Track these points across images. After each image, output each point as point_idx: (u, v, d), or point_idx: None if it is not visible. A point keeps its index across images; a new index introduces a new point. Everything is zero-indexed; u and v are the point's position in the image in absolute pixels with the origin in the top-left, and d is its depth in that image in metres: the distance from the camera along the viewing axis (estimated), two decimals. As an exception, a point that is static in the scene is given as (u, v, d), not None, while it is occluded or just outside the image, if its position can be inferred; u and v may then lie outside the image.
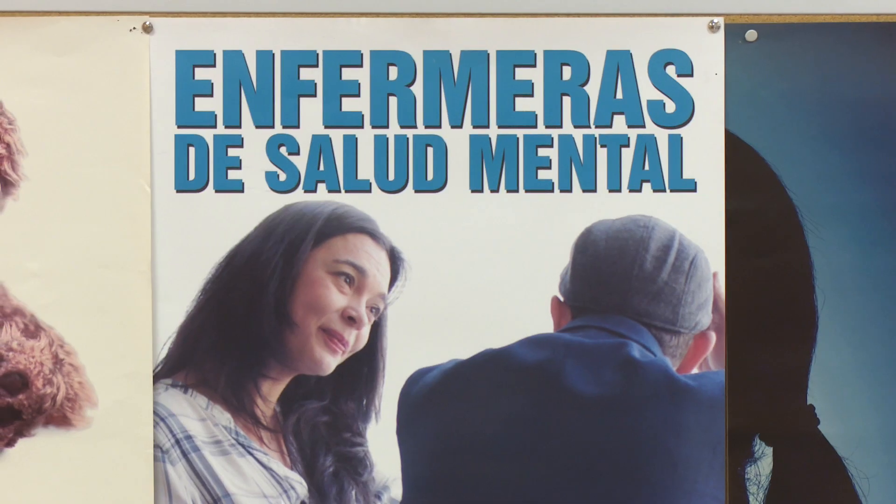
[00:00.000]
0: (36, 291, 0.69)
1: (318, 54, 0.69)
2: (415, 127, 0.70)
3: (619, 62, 0.70)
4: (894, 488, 0.70)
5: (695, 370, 0.70)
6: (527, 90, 0.69)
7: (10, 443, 0.69)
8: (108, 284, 0.69)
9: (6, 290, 0.69)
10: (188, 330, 0.70)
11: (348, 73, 0.69)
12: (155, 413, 0.69)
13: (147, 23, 0.69)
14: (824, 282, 0.70)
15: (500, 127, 0.70)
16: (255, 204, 0.70)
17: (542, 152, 0.70)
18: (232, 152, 0.70)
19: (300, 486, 0.70)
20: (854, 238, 0.69)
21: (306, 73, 0.69)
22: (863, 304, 0.69)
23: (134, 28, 0.69)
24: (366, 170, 0.70)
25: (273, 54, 0.69)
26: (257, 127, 0.70)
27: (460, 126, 0.70)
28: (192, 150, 0.70)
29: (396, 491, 0.70)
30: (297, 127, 0.70)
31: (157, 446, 0.69)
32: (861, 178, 0.69)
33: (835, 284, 0.70)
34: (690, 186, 0.70)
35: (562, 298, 0.70)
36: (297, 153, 0.70)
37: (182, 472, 0.69)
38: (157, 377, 0.69)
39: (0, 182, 0.69)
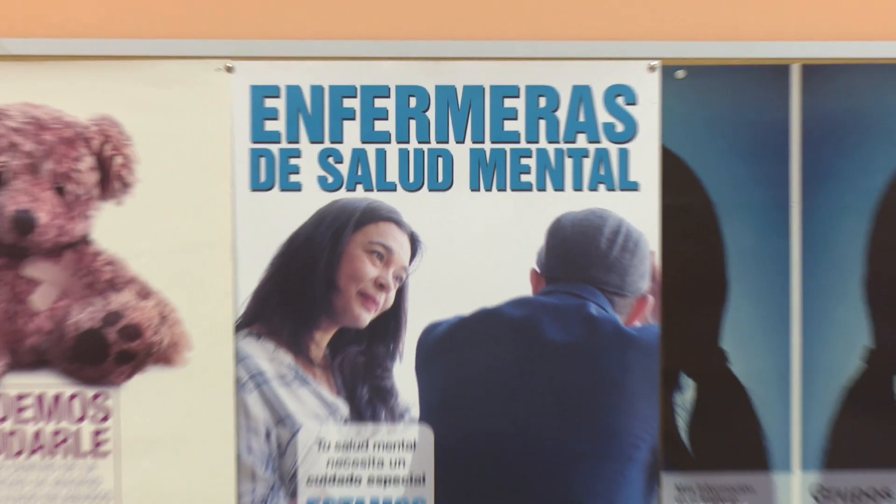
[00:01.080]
0: (146, 265, 0.92)
1: (356, 88, 0.92)
2: (429, 142, 0.93)
3: (581, 94, 0.93)
4: (782, 410, 0.93)
5: (637, 323, 0.94)
6: (512, 115, 0.92)
7: (129, 376, 0.93)
8: (201, 260, 0.92)
9: (125, 264, 0.92)
10: (260, 294, 0.93)
11: (379, 103, 0.92)
12: (236, 355, 0.93)
13: (229, 65, 0.92)
14: (733, 258, 0.93)
15: (492, 142, 0.93)
16: (310, 200, 0.93)
17: (523, 161, 0.93)
18: (292, 161, 0.93)
19: (343, 408, 0.93)
20: (755, 227, 0.93)
21: (348, 102, 0.92)
22: (761, 275, 0.93)
23: (219, 69, 0.92)
24: (392, 174, 0.93)
25: (323, 88, 0.92)
26: (311, 142, 0.92)
27: (462, 142, 0.93)
28: (262, 160, 0.93)
29: (415, 412, 0.93)
30: (341, 142, 0.92)
31: (237, 380, 0.93)
32: (759, 182, 0.92)
33: (741, 260, 0.93)
34: (634, 187, 0.93)
35: (538, 270, 0.93)
36: (341, 162, 0.93)
37: (256, 399, 0.93)
38: (238, 328, 0.93)
39: (121, 183, 0.92)
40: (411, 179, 0.93)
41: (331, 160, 0.92)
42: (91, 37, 0.92)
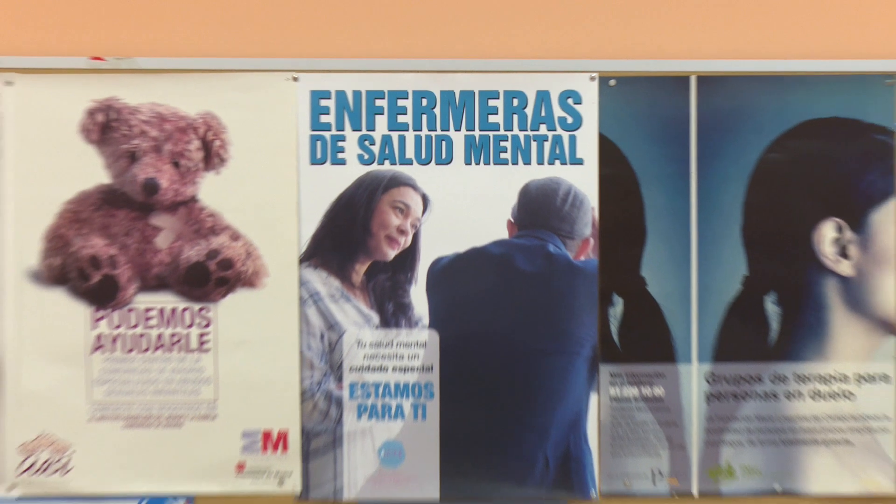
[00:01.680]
0: (236, 217, 1.31)
1: (384, 92, 1.31)
2: (435, 130, 1.31)
3: (542, 97, 1.31)
4: (685, 319, 1.32)
5: (582, 258, 1.32)
6: (494, 111, 1.31)
7: (224, 296, 1.31)
8: (275, 213, 1.31)
9: (222, 216, 1.31)
10: (317, 237, 1.31)
11: (400, 102, 1.31)
12: (299, 280, 1.31)
13: (295, 76, 1.30)
14: (650, 213, 1.31)
15: (480, 130, 1.31)
16: (351, 171, 1.31)
17: (502, 144, 1.31)
18: (339, 144, 1.31)
19: (375, 318, 1.32)
20: (665, 191, 1.31)
21: (378, 102, 1.31)
22: (669, 225, 1.31)
23: (288, 79, 1.30)
24: (409, 153, 1.31)
25: (361, 92, 1.31)
26: (352, 130, 1.31)
27: (459, 130, 1.31)
28: (318, 143, 1.31)
29: (426, 321, 1.32)
30: (374, 130, 1.31)
31: (300, 298, 1.31)
32: (668, 159, 1.31)
33: (655, 214, 1.31)
34: (580, 162, 1.32)
35: (512, 220, 1.32)
36: (374, 144, 1.31)
37: (313, 311, 1.31)
38: (301, 262, 1.31)
39: (219, 159, 1.30)
40: (423, 157, 1.31)
41: (366, 143, 1.31)
42: (198, 56, 1.31)
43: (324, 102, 1.31)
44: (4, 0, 1.33)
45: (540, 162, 1.31)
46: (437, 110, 1.31)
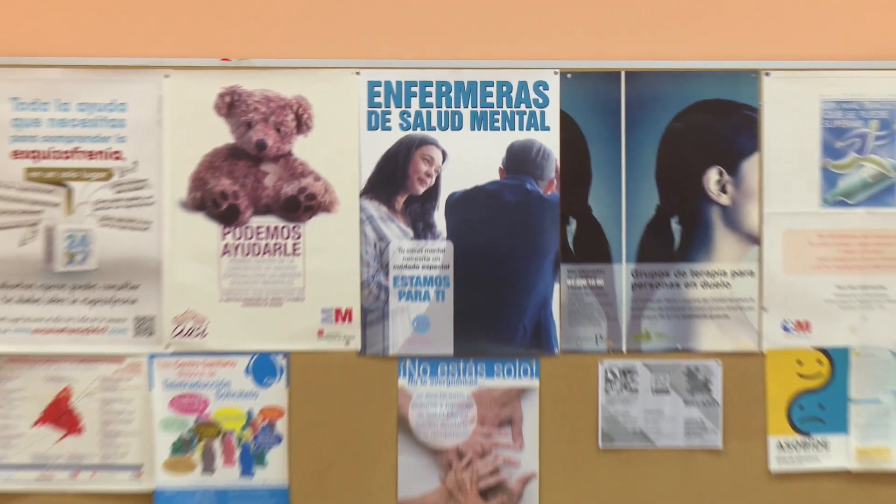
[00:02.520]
0: (318, 165, 1.95)
1: (417, 82, 1.96)
2: (451, 107, 1.96)
3: (522, 85, 1.96)
4: (617, 234, 1.97)
5: (548, 193, 1.97)
6: (490, 95, 1.96)
7: (310, 218, 1.96)
8: (343, 162, 1.95)
9: (308, 164, 1.96)
10: (372, 179, 1.96)
11: (427, 89, 1.96)
12: (360, 207, 1.96)
13: (357, 71, 1.95)
14: (594, 164, 1.96)
15: (481, 108, 1.96)
16: (395, 135, 1.95)
17: (496, 117, 1.97)
18: (386, 117, 1.96)
19: (410, 233, 1.97)
20: (605, 149, 1.96)
21: (413, 89, 1.95)
22: (607, 171, 1.97)
23: (352, 73, 1.95)
24: (434, 122, 1.96)
25: (402, 82, 1.95)
26: (395, 108, 1.96)
27: (467, 107, 1.96)
28: (372, 116, 1.96)
29: (444, 235, 1.96)
30: (410, 107, 1.96)
31: (360, 219, 1.96)
32: (606, 127, 1.96)
33: (598, 165, 1.96)
34: (548, 129, 1.97)
35: (502, 168, 1.97)
36: (410, 116, 1.96)
37: (369, 228, 1.96)
38: (361, 195, 1.96)
39: (306, 126, 1.95)
40: (442, 125, 1.96)
41: (405, 116, 1.96)
42: (292, 57, 1.96)
43: (376, 89, 1.96)
44: (162, 18, 1.97)
45: (521, 129, 1.97)
46: (451, 94, 1.96)
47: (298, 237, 1.96)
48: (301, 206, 1.95)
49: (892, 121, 1.96)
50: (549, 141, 1.96)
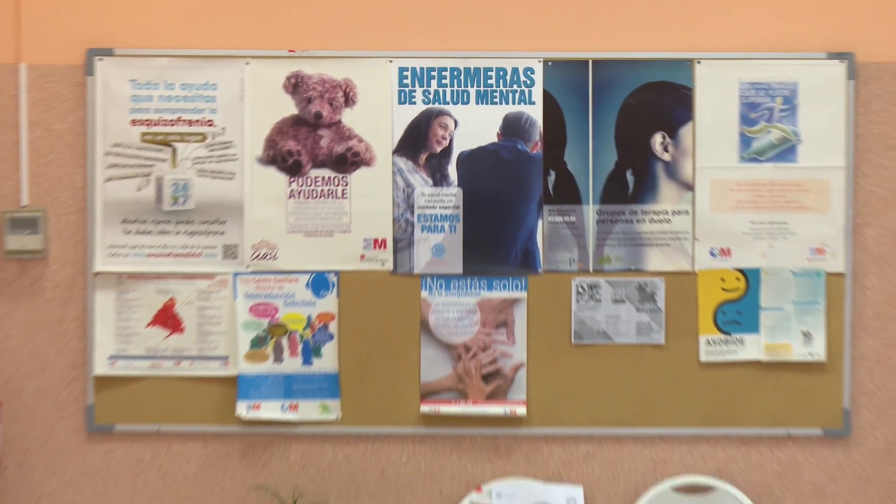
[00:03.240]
0: (361, 130, 2.58)
1: (435, 67, 2.60)
2: (460, 87, 2.60)
3: (515, 71, 2.60)
4: (586, 182, 2.61)
5: (534, 152, 2.62)
6: (491, 78, 2.59)
7: (354, 171, 2.60)
8: (379, 128, 2.58)
9: (354, 130, 2.60)
10: (401, 141, 2.59)
11: (443, 73, 2.60)
12: (392, 162, 2.61)
13: (390, 60, 2.59)
14: (569, 130, 2.61)
15: (484, 87, 2.60)
16: (418, 108, 2.59)
17: (494, 95, 2.60)
18: (412, 94, 2.60)
19: (430, 181, 2.60)
20: (577, 118, 2.60)
21: (432, 73, 2.59)
22: (578, 135, 2.61)
23: (387, 61, 2.60)
24: (448, 99, 2.60)
25: (424, 68, 2.59)
26: (419, 87, 2.60)
27: (473, 87, 2.60)
28: (402, 93, 2.59)
29: (456, 182, 2.61)
30: (430, 87, 2.59)
31: (392, 171, 2.61)
32: (578, 100, 2.60)
33: (572, 130, 2.60)
34: (534, 104, 2.60)
35: (499, 132, 2.61)
36: (430, 94, 2.60)
37: (399, 178, 2.61)
38: (393, 153, 2.61)
39: (352, 101, 2.59)
40: (454, 101, 2.61)
41: (426, 93, 2.61)
42: (342, 49, 2.60)
43: (405, 73, 2.60)
44: (244, 19, 2.62)
45: (513, 103, 2.61)
46: (461, 77, 2.61)
47: (346, 185, 2.61)
48: (348, 161, 2.60)
49: (792, 98, 2.61)
50: (535, 112, 2.61)
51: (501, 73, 2.61)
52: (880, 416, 2.62)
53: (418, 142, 2.61)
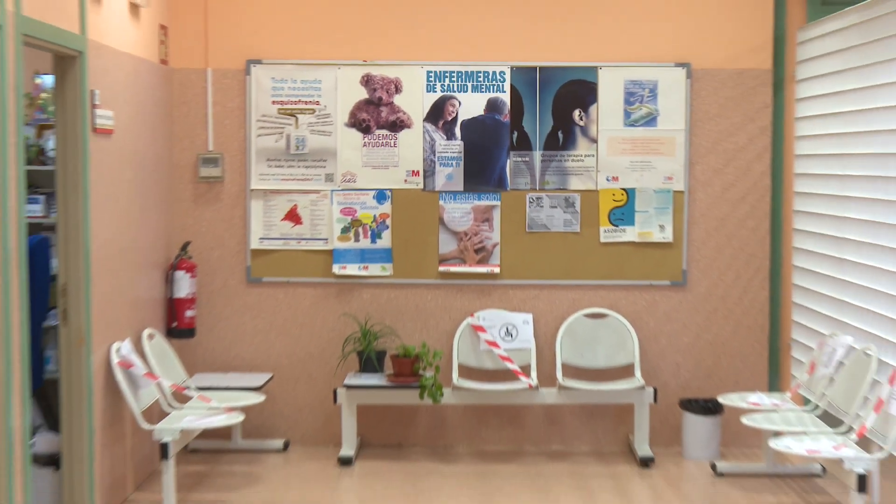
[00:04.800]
0: (406, 107, 4.50)
1: (446, 72, 4.50)
2: (462, 82, 4.51)
3: (494, 74, 4.49)
4: (535, 138, 4.52)
5: (504, 120, 4.52)
6: (480, 76, 4.50)
7: (400, 131, 4.50)
8: (414, 106, 4.51)
9: (402, 107, 4.50)
10: (428, 114, 4.50)
11: (452, 74, 4.50)
12: (423, 125, 4.52)
13: (422, 66, 4.49)
14: (526, 109, 4.51)
15: (475, 82, 4.50)
16: (437, 94, 4.49)
17: (483, 87, 4.50)
18: (434, 86, 4.50)
19: (444, 136, 4.52)
20: (530, 102, 4.50)
21: (446, 74, 4.50)
22: (530, 112, 4.51)
23: (420, 68, 4.49)
24: (454, 89, 4.50)
25: (440, 72, 4.50)
26: (437, 82, 4.50)
27: (469, 83, 4.50)
28: (428, 86, 4.50)
29: (460, 138, 4.52)
30: (443, 82, 4.50)
31: (423, 131, 4.52)
32: (530, 91, 4.50)
33: (527, 109, 4.52)
34: (504, 92, 4.50)
35: (485, 109, 4.52)
36: (445, 86, 4.50)
37: (426, 135, 4.52)
38: (424, 121, 4.52)
39: (399, 90, 4.49)
40: (458, 90, 4.52)
41: (442, 86, 4.52)
42: (393, 59, 4.51)
43: (430, 74, 4.52)
44: (335, 42, 4.52)
45: (493, 92, 4.53)
46: (462, 76, 4.52)
47: (396, 139, 4.53)
48: (397, 125, 4.52)
49: (654, 89, 4.52)
50: (505, 97, 4.53)
51: (486, 74, 4.52)
52: (702, 274, 4.57)
53: (437, 114, 4.53)
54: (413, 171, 4.55)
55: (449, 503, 3.98)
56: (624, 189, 4.57)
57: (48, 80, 3.91)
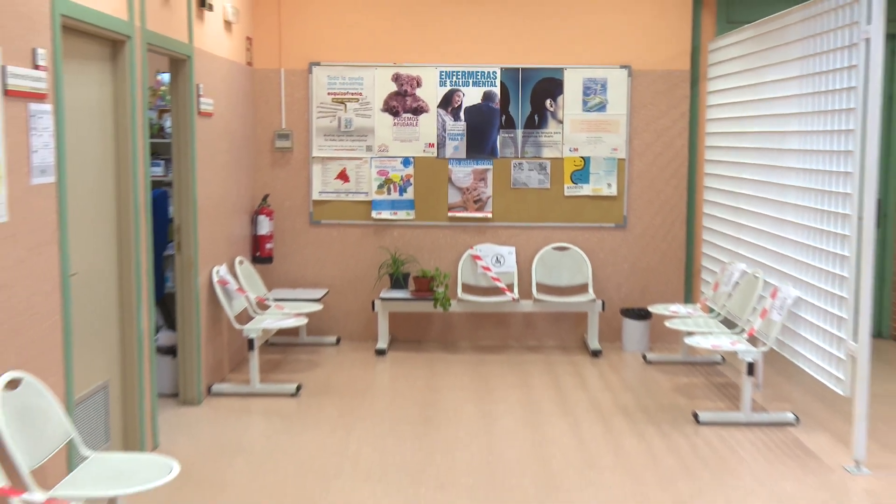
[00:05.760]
0: (425, 97, 6.22)
1: (453, 71, 6.21)
2: (464, 79, 6.22)
3: (487, 73, 6.20)
4: (518, 116, 6.25)
5: (495, 107, 6.24)
6: (477, 75, 6.22)
7: (420, 115, 6.23)
8: (431, 97, 6.22)
9: (421, 97, 6.22)
10: (440, 102, 6.22)
11: (457, 73, 6.21)
12: (436, 111, 6.24)
13: (437, 67, 6.20)
14: (511, 98, 6.23)
15: (475, 79, 6.22)
16: (447, 88, 6.20)
17: (480, 82, 6.21)
18: (444, 81, 6.21)
19: (451, 118, 6.25)
20: (514, 93, 6.23)
21: (453, 73, 6.21)
22: (514, 102, 6.23)
23: (434, 69, 6.20)
24: (460, 84, 6.22)
25: (450, 70, 6.20)
26: (448, 79, 6.21)
27: (470, 79, 6.21)
28: (441, 81, 6.22)
29: (464, 119, 6.24)
30: (452, 79, 6.21)
31: (436, 116, 6.24)
32: (514, 87, 6.22)
33: (513, 99, 6.23)
34: (496, 86, 6.21)
35: (482, 99, 6.24)
36: (453, 82, 6.20)
37: (439, 118, 6.25)
38: (437, 108, 6.24)
39: (420, 86, 6.20)
40: (462, 85, 6.24)
41: (450, 82, 6.24)
42: (415, 62, 6.23)
43: (442, 73, 6.24)
44: (371, 47, 6.23)
45: (487, 86, 6.25)
46: (466, 75, 6.24)
47: (417, 120, 6.27)
48: (419, 111, 6.25)
49: (605, 84, 6.23)
50: (497, 90, 6.25)
51: (483, 73, 6.24)
52: (637, 219, 6.35)
53: (447, 102, 6.26)
54: (429, 144, 6.29)
55: (454, 381, 5.65)
56: (582, 157, 6.31)
57: (166, 77, 5.56)
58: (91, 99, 3.74)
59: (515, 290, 6.17)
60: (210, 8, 5.01)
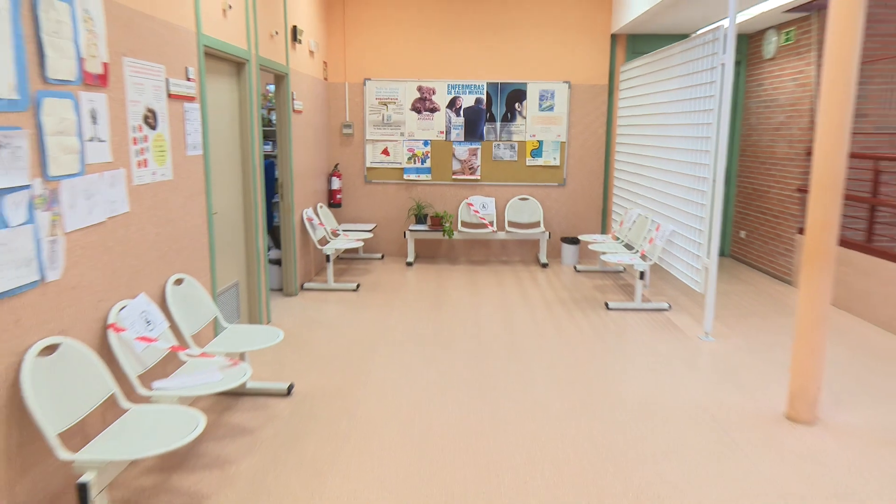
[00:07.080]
0: (438, 101, 9.67)
1: (456, 84, 9.62)
2: (464, 90, 9.64)
3: (477, 86, 9.62)
4: (498, 116, 9.71)
5: (483, 108, 9.70)
6: (471, 89, 9.64)
7: (434, 112, 9.71)
8: (442, 102, 9.67)
9: (436, 101, 9.66)
10: (447, 105, 9.69)
11: (458, 86, 9.62)
12: (445, 108, 9.70)
13: (445, 82, 9.62)
14: (493, 102, 9.68)
15: (470, 91, 9.63)
16: (452, 95, 9.63)
17: (473, 93, 9.63)
18: (451, 91, 9.63)
19: (455, 115, 9.72)
20: (496, 100, 9.67)
21: (457, 86, 9.62)
22: (495, 103, 9.67)
23: (444, 83, 9.63)
24: (460, 93, 9.65)
25: (454, 84, 9.61)
26: (452, 89, 9.63)
27: (465, 89, 9.65)
28: (448, 92, 9.65)
29: (463, 114, 9.71)
30: (456, 91, 9.63)
31: (445, 111, 9.71)
32: (501, 94, 9.65)
33: (494, 103, 9.67)
34: (483, 95, 9.66)
35: (474, 102, 9.67)
36: (455, 91, 9.62)
37: (447, 115, 9.71)
38: (445, 108, 9.71)
39: (434, 94, 9.64)
40: (461, 94, 9.69)
41: (454, 92, 9.69)
42: (430, 78, 9.68)
43: (450, 85, 9.69)
44: (402, 67, 9.67)
45: (478, 94, 9.72)
46: (464, 87, 9.69)
47: (433, 116, 9.75)
48: (433, 110, 9.73)
49: (554, 94, 9.70)
50: (483, 97, 9.71)
51: (475, 85, 9.69)
52: (572, 180, 9.91)
53: (452, 105, 9.72)
54: (440, 132, 9.79)
55: (455, 282, 9.22)
56: (538, 140, 9.81)
57: (272, 87, 9.05)
58: (224, 101, 5.08)
59: (495, 225, 9.78)
60: (300, 41, 8.50)
